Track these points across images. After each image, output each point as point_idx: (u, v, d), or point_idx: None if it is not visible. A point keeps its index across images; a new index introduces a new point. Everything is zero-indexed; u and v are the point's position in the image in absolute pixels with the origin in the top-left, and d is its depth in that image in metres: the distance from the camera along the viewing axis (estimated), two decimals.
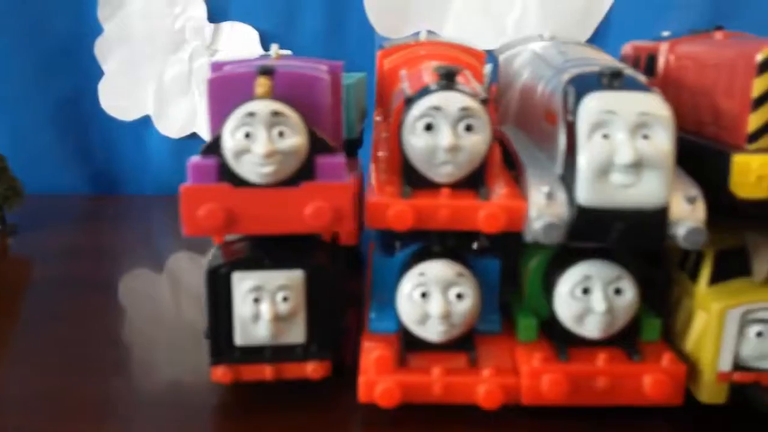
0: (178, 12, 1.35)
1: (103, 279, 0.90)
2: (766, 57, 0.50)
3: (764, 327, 0.53)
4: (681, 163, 0.57)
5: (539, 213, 0.52)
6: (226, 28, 1.35)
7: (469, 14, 1.35)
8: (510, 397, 0.55)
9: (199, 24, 1.35)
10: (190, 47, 1.36)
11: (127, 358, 0.69)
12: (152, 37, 1.36)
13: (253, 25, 1.34)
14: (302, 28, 1.34)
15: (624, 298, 0.54)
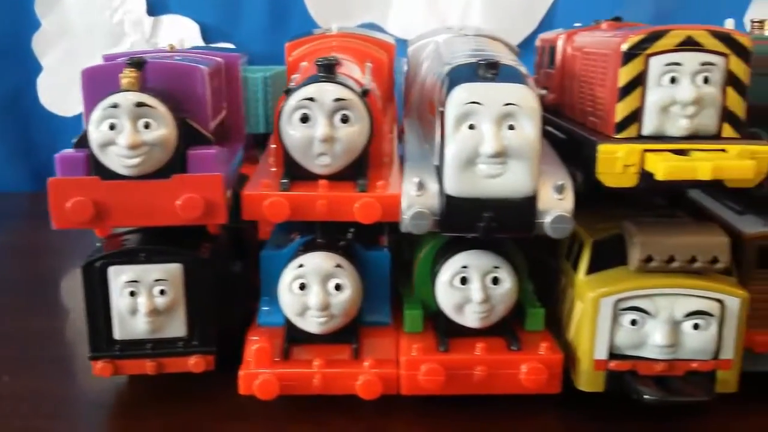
0: (116, 5, 1.33)
1: (45, 276, 0.90)
2: (630, 46, 0.50)
3: (638, 315, 0.53)
4: (568, 153, 0.58)
5: (410, 203, 0.52)
6: (166, 21, 1.34)
7: (413, 6, 1.35)
8: (389, 387, 0.55)
9: (138, 17, 1.34)
10: (130, 41, 1.34)
11: (69, 355, 0.68)
12: (91, 30, 1.35)
13: (194, 18, 1.33)
14: (243, 21, 1.33)
15: (502, 287, 0.55)
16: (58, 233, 1.10)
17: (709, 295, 0.53)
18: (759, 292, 0.57)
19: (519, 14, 1.32)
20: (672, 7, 1.32)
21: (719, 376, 0.54)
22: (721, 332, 0.53)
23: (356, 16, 1.34)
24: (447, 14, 1.33)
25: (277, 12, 1.32)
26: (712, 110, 0.51)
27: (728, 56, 0.50)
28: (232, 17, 1.33)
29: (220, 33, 1.33)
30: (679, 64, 0.50)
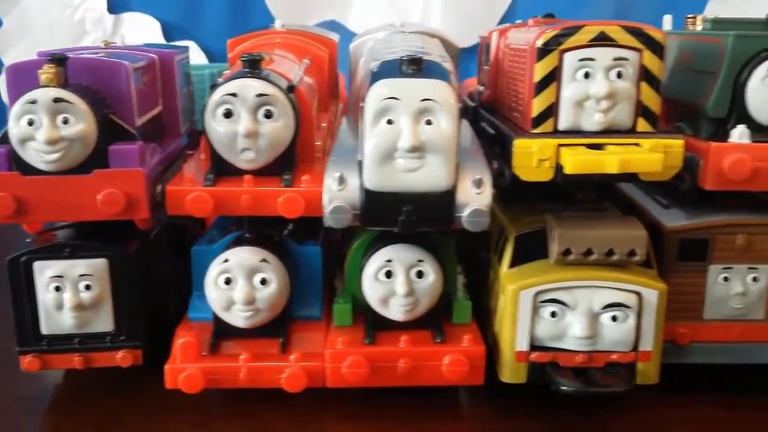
0: (77, 3, 1.33)
1: None
2: (544, 42, 0.51)
3: (558, 307, 0.54)
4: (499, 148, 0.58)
5: (331, 198, 0.52)
6: (127, 18, 1.34)
7: (373, 3, 1.35)
8: (315, 380, 0.56)
9: (99, 15, 1.33)
10: (91, 38, 1.34)
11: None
12: (52, 29, 1.34)
13: (155, 16, 1.33)
14: (204, 18, 1.33)
15: (426, 281, 0.55)
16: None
17: (626, 287, 0.54)
18: (680, 285, 0.58)
19: (479, 12, 1.33)
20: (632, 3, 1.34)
21: (640, 368, 0.55)
22: (639, 324, 0.54)
23: (317, 13, 1.34)
24: (408, 12, 1.34)
25: (237, 10, 1.32)
26: (626, 105, 0.52)
27: (642, 51, 0.51)
28: (193, 15, 1.33)
29: (181, 30, 1.33)
30: (592, 60, 0.51)
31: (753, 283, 0.57)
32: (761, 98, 0.53)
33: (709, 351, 0.59)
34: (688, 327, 0.58)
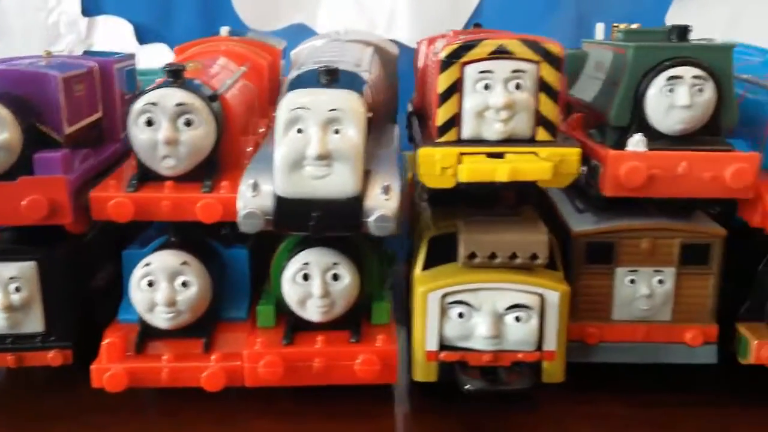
0: (52, 6, 1.36)
1: None
2: (447, 55, 0.53)
3: (465, 308, 0.56)
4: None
5: (244, 204, 0.55)
6: (101, 21, 1.36)
7: (341, 7, 1.37)
8: (234, 380, 0.58)
9: (73, 18, 1.36)
10: (66, 41, 1.36)
11: None
12: (28, 32, 1.37)
13: (128, 19, 1.35)
14: (175, 21, 1.35)
15: (341, 283, 0.57)
16: None
17: (529, 289, 0.56)
18: (589, 287, 0.60)
19: (444, 18, 1.34)
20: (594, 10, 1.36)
21: (545, 367, 0.57)
22: (542, 324, 0.56)
23: (285, 16, 1.36)
24: (375, 16, 1.36)
25: (207, 13, 1.34)
26: (525, 115, 0.54)
27: (539, 64, 0.53)
28: (165, 18, 1.35)
29: (153, 33, 1.35)
30: (491, 72, 0.53)
31: (658, 285, 0.59)
32: (659, 108, 0.55)
33: (617, 351, 0.61)
34: (596, 327, 0.60)
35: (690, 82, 0.54)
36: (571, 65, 0.71)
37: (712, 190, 0.55)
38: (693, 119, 0.55)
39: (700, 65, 0.54)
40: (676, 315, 0.60)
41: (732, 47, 0.56)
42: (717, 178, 0.54)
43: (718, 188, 0.55)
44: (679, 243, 0.59)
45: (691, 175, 0.55)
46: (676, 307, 0.60)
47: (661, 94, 0.55)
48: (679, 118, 0.55)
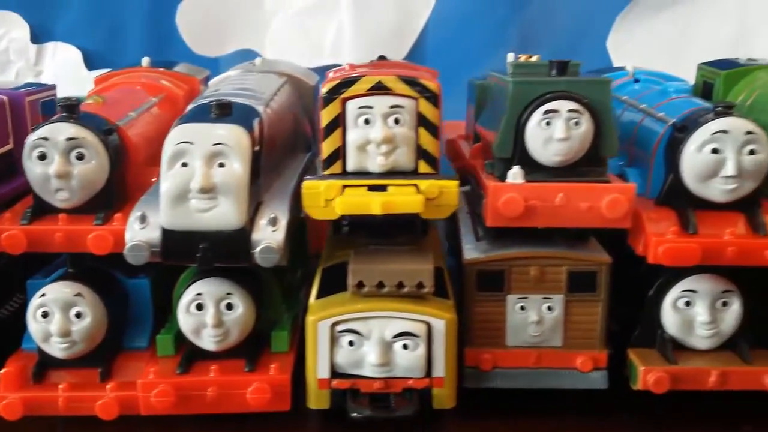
0: (1, 33, 1.37)
1: None
2: (327, 90, 0.55)
3: (355, 337, 0.57)
4: None
5: (132, 236, 0.56)
6: (50, 48, 1.38)
7: (288, 33, 1.39)
8: (130, 408, 0.59)
9: (22, 45, 1.37)
10: (15, 68, 1.38)
11: None
12: None
13: (77, 45, 1.37)
14: (125, 47, 1.37)
15: (235, 313, 0.58)
16: None
17: (415, 317, 0.57)
18: (482, 314, 0.62)
19: (389, 42, 1.37)
20: (537, 35, 1.39)
21: (435, 393, 0.58)
22: (430, 352, 0.58)
23: (233, 42, 1.38)
24: (320, 41, 1.38)
25: (155, 39, 1.36)
26: (406, 149, 0.55)
27: (418, 99, 0.55)
28: (113, 44, 1.37)
29: (102, 60, 1.37)
30: (370, 107, 0.54)
31: (548, 312, 0.61)
32: (538, 140, 0.57)
33: (511, 376, 0.62)
34: (490, 353, 0.62)
35: (566, 115, 0.56)
36: (479, 95, 0.73)
37: (589, 220, 0.57)
38: (571, 151, 0.57)
39: (575, 99, 0.56)
40: (566, 341, 0.62)
41: (609, 82, 0.58)
42: (594, 209, 0.56)
43: (595, 218, 0.56)
44: (566, 270, 0.60)
45: (569, 205, 0.56)
46: (566, 333, 0.61)
47: (539, 127, 0.57)
48: (557, 150, 0.57)
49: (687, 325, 0.60)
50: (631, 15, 1.35)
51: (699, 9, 1.35)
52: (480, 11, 1.37)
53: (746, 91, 0.74)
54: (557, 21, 1.38)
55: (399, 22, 1.37)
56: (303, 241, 0.74)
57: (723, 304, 0.60)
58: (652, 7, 1.35)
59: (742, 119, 0.56)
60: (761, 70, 0.75)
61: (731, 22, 1.34)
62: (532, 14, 1.38)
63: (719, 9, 1.34)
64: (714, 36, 1.33)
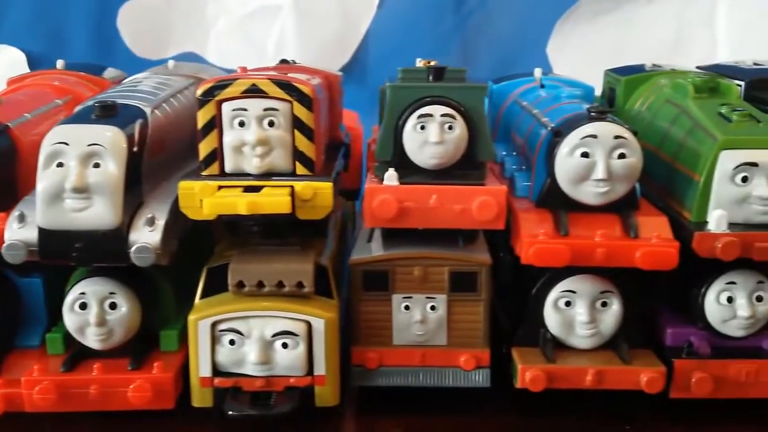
0: None
1: None
2: (202, 93, 0.56)
3: (236, 336, 0.58)
4: None
5: (10, 235, 0.56)
6: None
7: (230, 37, 1.40)
8: (15, 405, 0.59)
9: None
10: None
11: None
12: None
13: (20, 48, 1.37)
14: (69, 51, 1.37)
15: (118, 312, 0.59)
16: None
17: (295, 316, 0.58)
18: (369, 313, 0.63)
19: (332, 45, 1.38)
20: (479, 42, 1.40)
21: (317, 391, 0.59)
22: (311, 351, 0.59)
23: (175, 46, 1.39)
24: (263, 44, 1.39)
25: (98, 42, 1.37)
26: (282, 151, 0.56)
27: (292, 103, 0.56)
28: (57, 47, 1.37)
29: (46, 62, 1.36)
30: (245, 110, 0.55)
31: (431, 311, 0.62)
32: (414, 144, 0.58)
33: (396, 374, 0.63)
34: (376, 352, 0.63)
35: (440, 120, 0.57)
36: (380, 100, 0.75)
37: (463, 221, 0.58)
38: (446, 154, 0.58)
39: (449, 104, 0.58)
40: (451, 340, 0.63)
41: (483, 88, 0.59)
42: (466, 211, 0.57)
43: (468, 220, 0.58)
44: (448, 271, 0.61)
45: (442, 207, 0.57)
46: (450, 332, 0.63)
47: (414, 131, 0.58)
48: (432, 154, 0.58)
49: (568, 324, 0.62)
50: (570, 21, 1.37)
51: (637, 15, 1.37)
52: (422, 19, 1.39)
53: (644, 96, 0.77)
54: (498, 28, 1.40)
55: (342, 28, 1.39)
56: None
57: (603, 305, 0.61)
58: (591, 13, 1.37)
59: (611, 124, 0.58)
60: (660, 77, 0.78)
61: (669, 28, 1.37)
62: (474, 21, 1.40)
63: (657, 15, 1.37)
64: (652, 41, 1.36)
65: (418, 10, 1.40)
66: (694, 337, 0.62)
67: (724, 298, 0.60)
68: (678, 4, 1.36)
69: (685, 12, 1.36)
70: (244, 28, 1.39)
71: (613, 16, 1.37)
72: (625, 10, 1.37)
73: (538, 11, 1.39)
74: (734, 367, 0.60)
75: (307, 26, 1.38)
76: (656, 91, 0.74)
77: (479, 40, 1.41)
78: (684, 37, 1.37)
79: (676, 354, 0.61)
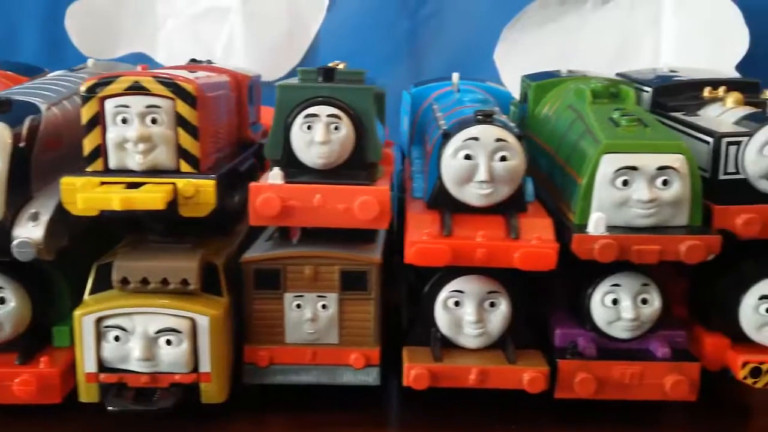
0: None
1: None
2: (86, 89, 0.56)
3: (120, 332, 0.59)
4: None
5: None
6: None
7: (179, 38, 1.40)
8: None
9: None
10: None
11: None
12: None
13: None
14: (19, 49, 1.37)
15: (6, 307, 0.60)
16: None
17: (179, 313, 0.58)
18: (261, 311, 0.63)
19: (282, 47, 1.39)
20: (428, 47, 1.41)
21: (203, 388, 0.60)
22: (196, 348, 0.59)
23: (124, 46, 1.39)
24: (211, 46, 1.39)
25: (47, 42, 1.36)
26: (165, 148, 0.57)
27: (175, 100, 0.56)
28: (7, 46, 1.37)
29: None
30: (127, 107, 0.56)
31: (322, 310, 0.63)
32: (301, 143, 0.59)
33: (288, 372, 0.64)
34: (267, 350, 0.63)
35: (326, 120, 0.58)
36: None
37: (346, 220, 0.58)
38: (332, 154, 0.59)
39: (335, 104, 0.58)
40: (342, 338, 0.63)
41: (370, 89, 0.60)
42: (349, 210, 0.58)
43: (351, 219, 0.58)
44: (339, 270, 0.62)
45: (326, 206, 0.58)
46: (341, 330, 0.63)
47: (301, 130, 0.59)
48: (319, 153, 0.58)
49: (456, 324, 0.62)
50: (517, 27, 1.38)
51: (583, 22, 1.38)
52: (372, 22, 1.40)
53: (551, 101, 0.77)
54: (448, 33, 1.41)
55: (291, 30, 1.39)
56: None
57: (491, 305, 0.62)
58: (538, 19, 1.38)
59: (494, 127, 0.59)
60: (570, 82, 0.78)
61: (615, 35, 1.38)
62: (424, 26, 1.41)
63: (603, 22, 1.38)
64: (598, 48, 1.37)
65: (368, 14, 1.41)
66: (582, 338, 0.63)
67: (609, 300, 0.61)
68: (624, 12, 1.37)
69: (631, 20, 1.37)
70: (193, 29, 1.39)
71: (559, 23, 1.38)
72: (571, 17, 1.38)
73: (487, 17, 1.40)
74: (618, 369, 0.61)
75: (256, 28, 1.38)
76: (562, 97, 0.75)
77: (429, 45, 1.42)
78: (630, 44, 1.38)
79: (562, 354, 0.62)
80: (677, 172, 0.58)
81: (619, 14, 1.38)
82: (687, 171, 0.58)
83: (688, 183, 0.58)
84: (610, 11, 1.38)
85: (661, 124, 0.65)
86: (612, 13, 1.38)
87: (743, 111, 0.66)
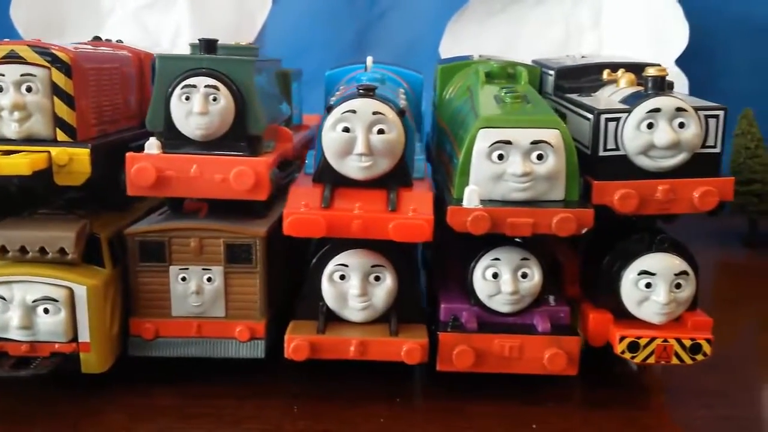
0: None
1: None
2: None
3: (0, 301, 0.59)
4: None
5: None
6: None
7: (126, 28, 1.41)
8: None
9: None
10: None
11: None
12: None
13: None
14: None
15: None
16: None
17: (56, 282, 0.59)
18: (146, 284, 0.64)
19: (232, 32, 1.39)
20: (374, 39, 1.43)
21: (83, 358, 0.60)
22: (74, 317, 0.59)
23: (69, 36, 1.38)
24: (159, 32, 1.40)
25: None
26: (41, 116, 0.57)
27: (50, 69, 0.57)
28: None
29: None
30: (2, 75, 0.56)
31: (207, 283, 0.63)
32: (180, 114, 0.59)
33: (174, 345, 0.64)
34: (152, 323, 0.63)
35: (203, 90, 0.59)
36: None
37: (223, 191, 0.59)
38: (211, 125, 0.59)
39: (214, 75, 0.59)
40: (228, 312, 0.64)
41: (251, 62, 0.61)
42: (225, 181, 0.59)
43: (228, 190, 0.59)
44: (224, 243, 0.63)
45: (203, 177, 0.59)
46: (228, 304, 0.64)
47: (180, 101, 0.59)
48: (197, 124, 0.59)
49: (342, 297, 0.63)
50: (461, 21, 1.40)
51: (527, 16, 1.40)
52: (317, 14, 1.41)
53: (455, 83, 0.78)
54: (393, 26, 1.42)
55: (237, 21, 1.40)
56: None
57: (376, 279, 0.63)
58: (481, 13, 1.39)
59: (372, 100, 0.59)
60: (472, 65, 0.79)
61: (558, 29, 1.40)
62: (370, 19, 1.42)
63: (546, 16, 1.40)
64: (542, 41, 1.39)
65: (313, 7, 1.42)
66: (465, 312, 0.63)
67: (489, 273, 0.62)
68: (566, 7, 1.39)
69: (573, 14, 1.39)
70: (140, 19, 1.40)
71: (502, 17, 1.40)
72: (514, 10, 1.40)
73: (431, 10, 1.41)
74: (497, 342, 0.62)
75: (201, 19, 1.39)
76: (463, 78, 0.76)
77: (375, 38, 1.43)
78: (572, 37, 1.40)
79: (444, 328, 0.63)
80: (551, 146, 0.58)
81: (561, 8, 1.40)
82: (562, 146, 0.59)
83: (564, 158, 0.59)
84: (552, 6, 1.39)
85: (546, 102, 0.66)
86: (554, 8, 1.40)
87: (632, 90, 0.67)
